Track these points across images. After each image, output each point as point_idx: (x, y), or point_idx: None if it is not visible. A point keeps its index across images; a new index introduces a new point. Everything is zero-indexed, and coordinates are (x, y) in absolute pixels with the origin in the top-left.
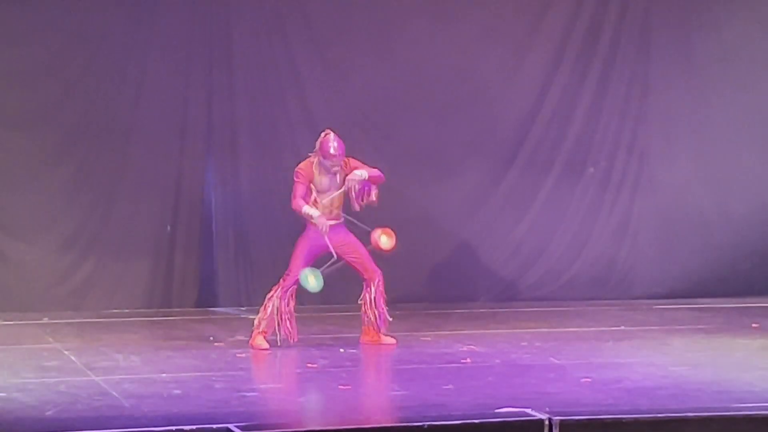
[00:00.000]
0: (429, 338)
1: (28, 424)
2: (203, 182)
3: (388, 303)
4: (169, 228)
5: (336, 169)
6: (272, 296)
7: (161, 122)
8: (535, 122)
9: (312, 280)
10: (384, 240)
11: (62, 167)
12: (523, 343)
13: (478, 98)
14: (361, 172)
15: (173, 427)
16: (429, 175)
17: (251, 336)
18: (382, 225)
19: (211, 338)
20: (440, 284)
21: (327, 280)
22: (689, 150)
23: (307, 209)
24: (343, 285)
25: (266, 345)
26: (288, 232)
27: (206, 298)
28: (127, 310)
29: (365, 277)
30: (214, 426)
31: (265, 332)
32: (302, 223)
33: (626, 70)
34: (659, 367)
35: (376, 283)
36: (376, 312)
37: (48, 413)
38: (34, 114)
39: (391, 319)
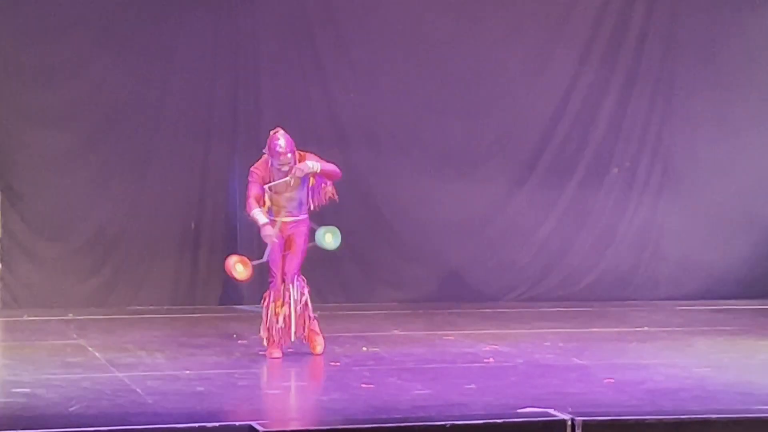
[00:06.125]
0: (452, 337)
1: (52, 419)
2: (227, 180)
3: (401, 302)
4: (193, 225)
5: (286, 168)
6: (267, 304)
7: (186, 121)
8: (559, 123)
9: (329, 238)
10: (239, 269)
11: (88, 165)
12: (546, 344)
13: (503, 99)
14: (312, 164)
15: (196, 424)
16: (453, 175)
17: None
18: (411, 225)
19: (235, 336)
20: (464, 284)
21: (345, 281)
22: (714, 152)
23: (255, 214)
24: (364, 282)
25: (278, 354)
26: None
27: (230, 295)
28: (151, 307)
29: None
30: (237, 423)
31: (273, 341)
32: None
33: (651, 72)
34: (682, 368)
35: (285, 286)
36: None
37: (72, 409)
38: (59, 112)
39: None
